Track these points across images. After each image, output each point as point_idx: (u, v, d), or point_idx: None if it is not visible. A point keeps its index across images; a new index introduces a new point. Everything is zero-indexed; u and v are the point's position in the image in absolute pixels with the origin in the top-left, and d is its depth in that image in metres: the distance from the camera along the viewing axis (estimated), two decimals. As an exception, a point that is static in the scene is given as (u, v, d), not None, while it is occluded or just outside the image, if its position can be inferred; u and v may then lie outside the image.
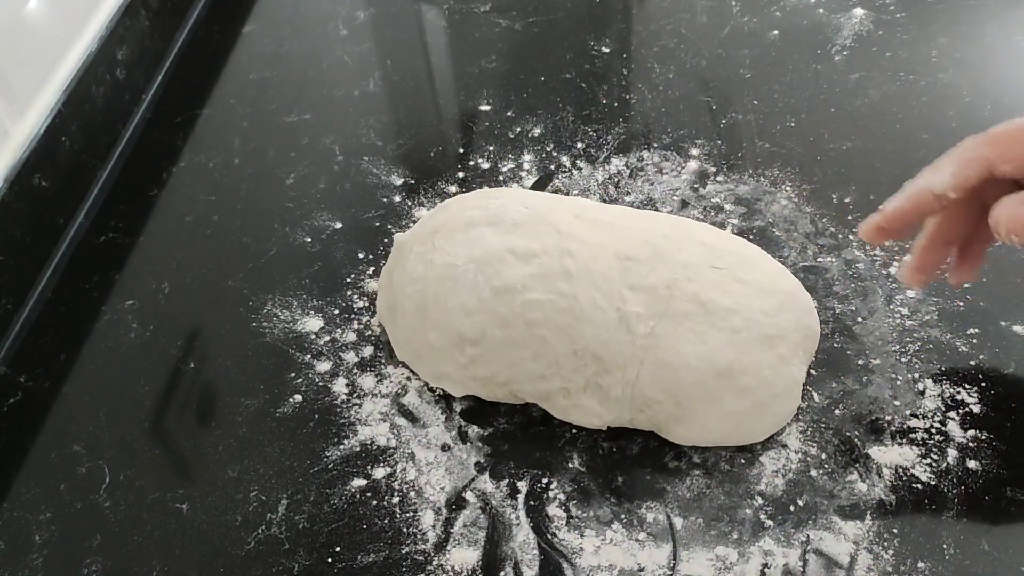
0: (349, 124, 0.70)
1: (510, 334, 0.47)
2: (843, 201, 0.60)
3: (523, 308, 0.47)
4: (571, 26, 0.78)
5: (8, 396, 0.54)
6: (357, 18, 0.81)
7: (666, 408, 0.47)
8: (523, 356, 0.47)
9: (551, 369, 0.47)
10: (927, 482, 0.46)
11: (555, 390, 0.48)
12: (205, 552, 0.46)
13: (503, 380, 0.48)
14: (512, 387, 0.48)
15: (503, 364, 0.48)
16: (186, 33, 0.81)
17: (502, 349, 0.47)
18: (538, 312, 0.47)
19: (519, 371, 0.48)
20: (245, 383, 0.53)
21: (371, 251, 0.60)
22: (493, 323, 0.47)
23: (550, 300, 0.47)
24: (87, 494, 0.49)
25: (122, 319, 0.58)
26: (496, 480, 0.48)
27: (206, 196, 0.66)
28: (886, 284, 0.55)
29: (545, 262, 0.48)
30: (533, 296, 0.47)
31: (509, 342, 0.47)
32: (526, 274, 0.48)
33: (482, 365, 0.48)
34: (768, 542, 0.44)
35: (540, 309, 0.47)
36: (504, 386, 0.49)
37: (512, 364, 0.47)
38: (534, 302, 0.47)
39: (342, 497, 0.48)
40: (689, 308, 0.47)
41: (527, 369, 0.47)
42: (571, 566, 0.44)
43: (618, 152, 0.66)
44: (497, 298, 0.47)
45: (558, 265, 0.48)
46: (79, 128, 0.65)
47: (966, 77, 0.68)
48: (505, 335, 0.47)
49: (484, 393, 0.50)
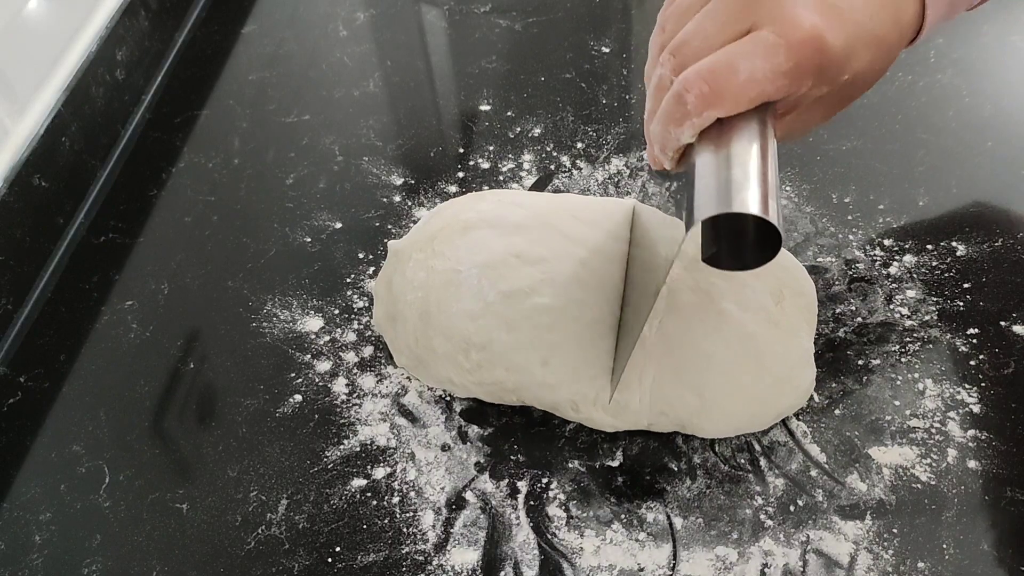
0: (349, 124, 0.70)
1: (518, 337, 0.47)
2: (843, 201, 0.60)
3: (532, 312, 0.47)
4: (571, 26, 0.78)
5: (8, 396, 0.54)
6: (357, 19, 0.81)
7: (690, 404, 0.46)
8: (530, 359, 0.47)
9: (558, 377, 0.47)
10: (927, 482, 0.46)
11: (563, 401, 0.48)
12: (205, 552, 0.46)
13: (511, 387, 0.48)
14: (520, 394, 0.48)
15: (510, 368, 0.47)
16: (186, 33, 0.81)
17: (509, 352, 0.47)
18: (546, 317, 0.47)
19: (526, 376, 0.47)
20: (245, 383, 0.53)
21: (371, 251, 0.60)
22: (500, 326, 0.47)
23: (563, 307, 0.47)
24: (87, 494, 0.49)
25: (122, 319, 0.58)
26: (496, 480, 0.48)
27: (206, 196, 0.66)
28: (886, 284, 0.55)
29: (554, 267, 0.48)
30: (544, 301, 0.47)
31: (516, 345, 0.47)
32: (535, 279, 0.48)
33: (488, 370, 0.48)
34: (768, 542, 0.44)
35: (549, 314, 0.47)
36: (512, 392, 0.49)
37: (519, 368, 0.47)
38: (544, 307, 0.47)
39: (342, 497, 0.48)
40: (692, 299, 0.47)
41: (535, 375, 0.47)
42: (571, 566, 0.44)
43: (618, 152, 0.66)
44: (504, 301, 0.47)
45: (569, 271, 0.48)
46: (79, 128, 0.65)
47: (964, 77, 0.68)
48: (513, 338, 0.47)
49: (489, 398, 0.50)
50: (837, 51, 0.36)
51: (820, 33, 0.35)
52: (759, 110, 0.36)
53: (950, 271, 0.55)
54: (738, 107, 0.36)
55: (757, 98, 0.36)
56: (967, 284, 0.54)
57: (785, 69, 0.35)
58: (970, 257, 0.56)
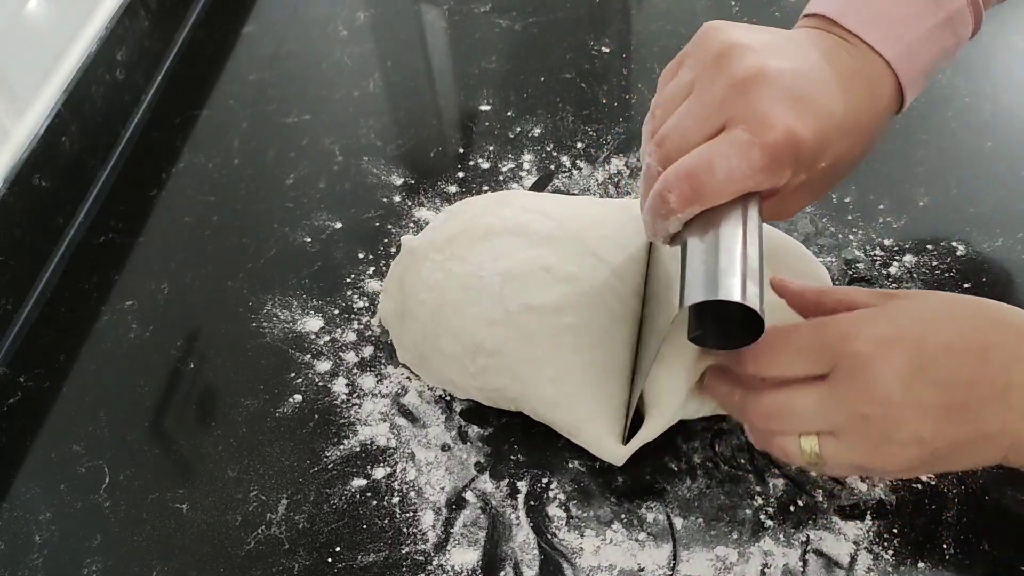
0: (349, 124, 0.70)
1: (533, 351, 0.47)
2: (843, 201, 0.60)
3: (557, 330, 0.47)
4: (571, 26, 0.78)
5: (8, 396, 0.54)
6: (357, 19, 0.81)
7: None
8: (541, 375, 0.47)
9: (565, 399, 0.46)
10: (927, 482, 0.46)
11: (562, 423, 0.47)
12: (205, 552, 0.46)
13: (512, 396, 0.48)
14: (520, 404, 0.48)
15: (516, 379, 0.47)
16: (186, 34, 0.81)
17: (520, 363, 0.47)
18: (571, 338, 0.46)
19: (531, 389, 0.47)
20: (245, 383, 0.53)
21: (371, 251, 0.60)
22: (516, 337, 0.47)
23: (588, 331, 0.47)
24: (87, 494, 0.49)
25: (122, 319, 0.58)
26: (496, 480, 0.48)
27: (206, 196, 0.66)
28: (886, 284, 0.55)
29: (584, 288, 0.47)
30: (570, 321, 0.47)
31: (530, 358, 0.47)
32: (565, 298, 0.47)
33: (493, 376, 0.48)
34: (768, 542, 0.44)
35: (575, 335, 0.46)
36: (511, 401, 0.48)
37: (527, 381, 0.47)
38: (569, 327, 0.47)
39: (342, 497, 0.48)
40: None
41: (541, 391, 0.47)
42: (571, 566, 0.44)
43: (618, 152, 0.66)
44: (528, 313, 0.47)
45: (599, 296, 0.47)
46: (79, 128, 0.65)
47: (964, 77, 0.68)
48: (527, 351, 0.47)
49: (486, 402, 0.50)
50: (811, 143, 0.37)
51: (793, 130, 0.36)
52: (743, 197, 0.38)
53: (950, 271, 0.55)
54: (718, 202, 0.37)
55: (736, 193, 0.37)
56: (967, 284, 0.54)
57: (761, 166, 0.36)
58: (970, 257, 0.56)
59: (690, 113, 0.38)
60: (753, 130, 0.36)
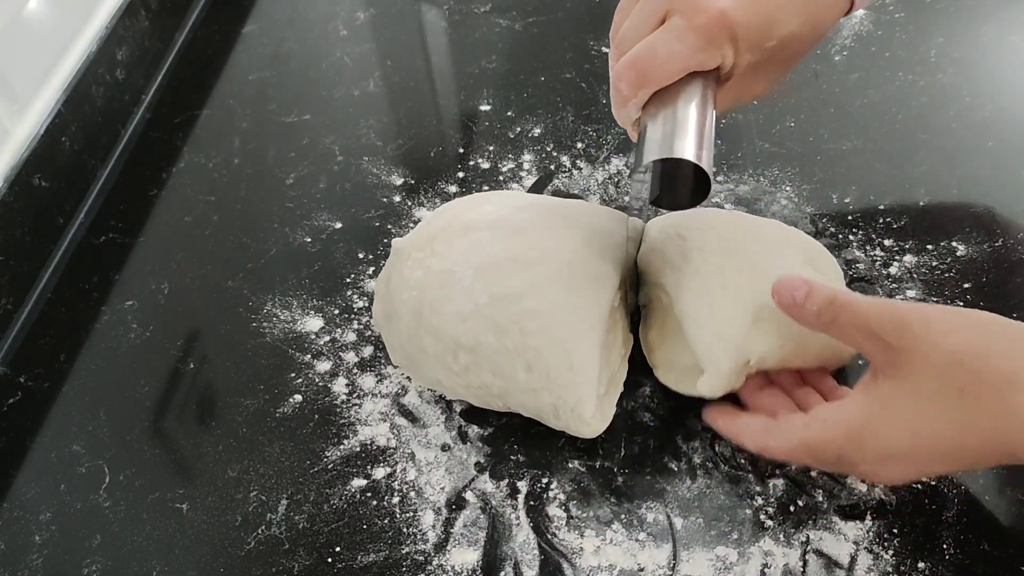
0: (349, 124, 0.70)
1: (504, 341, 0.46)
2: (843, 201, 0.60)
3: (520, 316, 0.46)
4: (571, 26, 0.78)
5: (8, 396, 0.54)
6: (357, 18, 0.81)
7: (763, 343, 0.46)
8: (515, 365, 0.46)
9: (542, 382, 0.46)
10: (927, 482, 0.46)
11: (545, 407, 0.47)
12: (205, 552, 0.46)
13: (497, 392, 0.48)
14: (506, 400, 0.48)
15: (496, 373, 0.47)
16: (186, 33, 0.81)
17: (495, 356, 0.47)
18: (534, 321, 0.46)
19: (511, 382, 0.47)
20: (245, 383, 0.53)
21: (371, 251, 0.60)
22: (488, 329, 0.46)
23: (550, 311, 0.46)
24: (87, 494, 0.49)
25: (122, 319, 0.58)
26: (496, 480, 0.48)
27: (206, 196, 0.66)
28: (886, 284, 0.55)
29: (546, 271, 0.47)
30: (531, 305, 0.46)
31: (503, 349, 0.46)
32: (526, 282, 0.47)
33: (475, 373, 0.47)
34: (768, 542, 0.44)
35: (537, 318, 0.46)
36: (498, 398, 0.48)
37: (505, 373, 0.47)
38: (531, 311, 0.46)
39: (342, 497, 0.48)
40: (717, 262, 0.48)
41: (519, 381, 0.46)
42: (571, 566, 0.44)
43: (618, 152, 0.66)
44: (494, 304, 0.47)
45: (559, 273, 0.47)
46: (79, 128, 0.65)
47: (965, 77, 0.68)
48: (499, 342, 0.46)
49: (478, 402, 0.49)
50: (747, 23, 0.40)
51: (724, 11, 0.40)
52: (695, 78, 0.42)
53: (950, 271, 0.55)
54: (663, 83, 0.42)
55: (678, 72, 0.41)
56: (967, 284, 0.54)
57: (699, 47, 0.40)
58: (970, 257, 0.56)
59: (639, 12, 0.43)
60: (687, 16, 0.40)
